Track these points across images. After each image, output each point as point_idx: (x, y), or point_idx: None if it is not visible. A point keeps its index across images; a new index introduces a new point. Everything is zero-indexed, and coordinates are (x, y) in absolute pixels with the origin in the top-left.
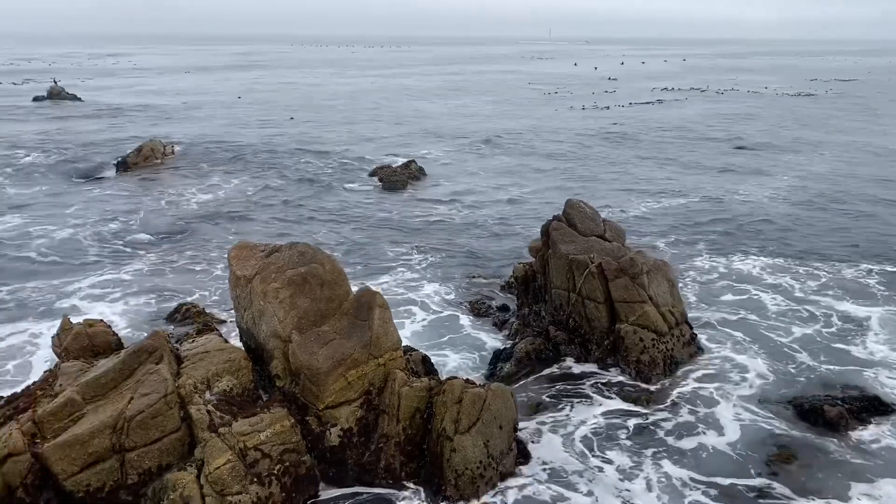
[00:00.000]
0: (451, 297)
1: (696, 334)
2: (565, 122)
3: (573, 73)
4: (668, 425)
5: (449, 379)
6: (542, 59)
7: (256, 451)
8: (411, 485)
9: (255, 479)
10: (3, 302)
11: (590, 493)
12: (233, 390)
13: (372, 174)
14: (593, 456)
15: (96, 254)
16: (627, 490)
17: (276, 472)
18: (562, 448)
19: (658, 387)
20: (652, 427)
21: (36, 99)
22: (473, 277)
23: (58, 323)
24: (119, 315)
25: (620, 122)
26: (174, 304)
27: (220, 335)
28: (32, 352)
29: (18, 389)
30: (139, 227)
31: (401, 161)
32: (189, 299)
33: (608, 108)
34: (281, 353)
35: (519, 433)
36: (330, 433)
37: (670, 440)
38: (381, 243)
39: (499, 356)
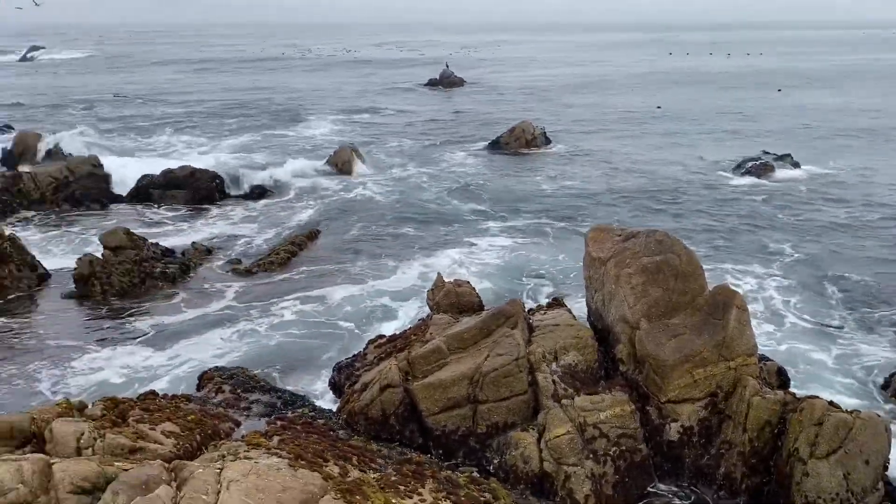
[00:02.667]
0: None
1: None
2: None
3: None
4: None
5: (809, 397)
6: None
7: (595, 428)
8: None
9: (591, 455)
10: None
11: None
12: (577, 365)
13: None
14: None
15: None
16: None
17: (611, 453)
18: None
19: None
20: None
21: (430, 83)
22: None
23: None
24: (479, 278)
25: None
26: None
27: (570, 311)
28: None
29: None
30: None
31: None
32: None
33: None
34: (627, 338)
35: (890, 473)
36: (669, 427)
37: None
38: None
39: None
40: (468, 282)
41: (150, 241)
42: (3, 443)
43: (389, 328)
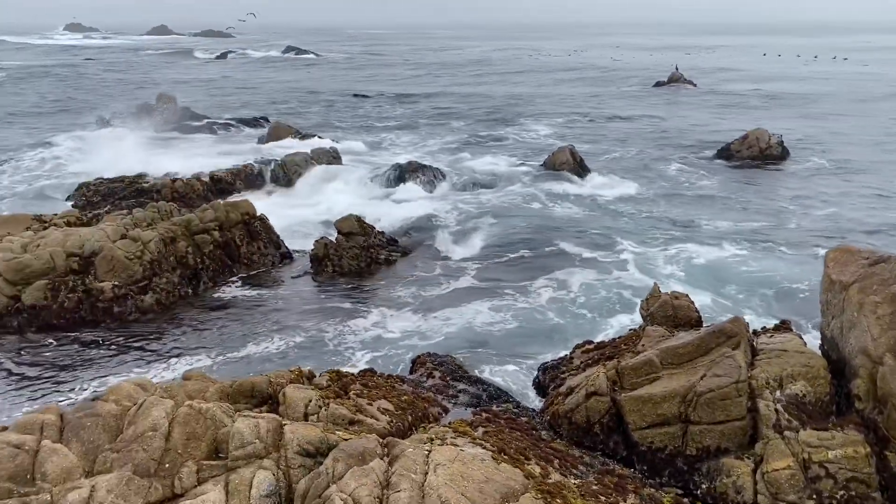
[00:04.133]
0: None
1: None
2: None
3: None
4: None
5: None
6: None
7: (821, 467)
8: None
9: (814, 496)
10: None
11: None
12: (805, 397)
13: None
14: None
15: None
16: None
17: (838, 497)
18: None
19: None
20: None
21: (657, 84)
22: None
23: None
24: (693, 287)
25: None
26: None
27: (800, 336)
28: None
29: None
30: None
31: None
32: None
33: None
34: (867, 373)
35: None
36: None
37: None
38: None
39: None
40: (686, 294)
41: (376, 229)
42: (244, 400)
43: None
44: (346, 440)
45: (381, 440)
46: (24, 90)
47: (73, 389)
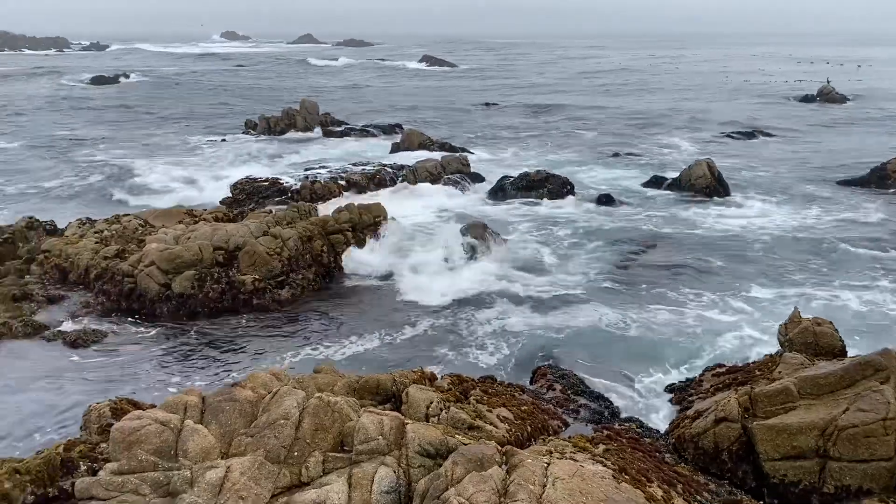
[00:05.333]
0: None
1: None
2: None
3: None
4: None
5: None
6: None
7: None
8: None
9: None
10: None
11: None
12: None
13: None
14: None
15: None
16: None
17: None
18: None
19: None
20: None
21: (804, 99)
22: None
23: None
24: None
25: None
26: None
27: None
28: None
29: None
30: None
31: None
32: None
33: None
34: None
35: None
36: None
37: None
38: None
39: None
40: (830, 322)
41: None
42: (369, 396)
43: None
44: (465, 444)
45: (499, 448)
46: (181, 94)
47: (216, 374)
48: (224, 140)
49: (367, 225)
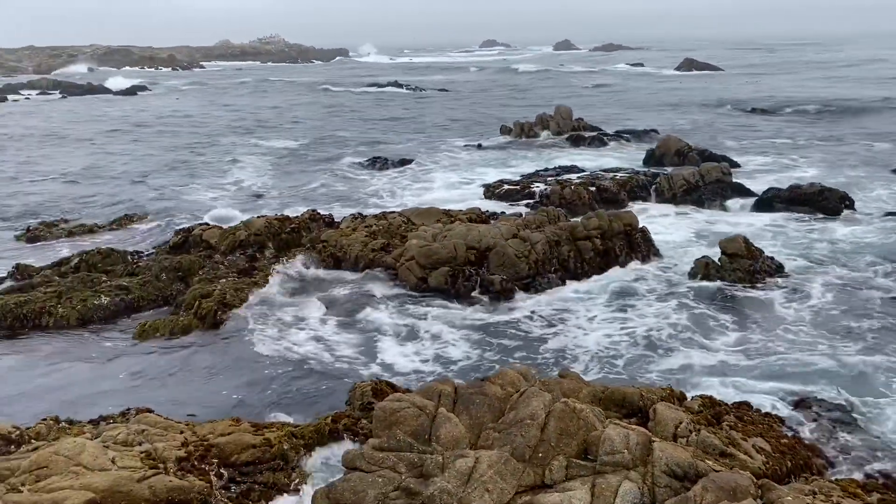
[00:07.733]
0: None
1: None
2: None
3: None
4: None
5: None
6: None
7: None
8: None
9: None
10: None
11: None
12: None
13: None
14: None
15: None
16: None
17: None
18: None
19: None
20: None
21: None
22: None
23: None
24: None
25: None
26: None
27: None
28: None
29: None
30: None
31: None
32: None
33: None
34: None
35: None
36: None
37: None
38: None
39: None
40: None
41: (765, 253)
42: (614, 408)
43: None
44: (716, 471)
45: (755, 479)
46: (446, 102)
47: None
48: (480, 146)
49: (616, 233)
